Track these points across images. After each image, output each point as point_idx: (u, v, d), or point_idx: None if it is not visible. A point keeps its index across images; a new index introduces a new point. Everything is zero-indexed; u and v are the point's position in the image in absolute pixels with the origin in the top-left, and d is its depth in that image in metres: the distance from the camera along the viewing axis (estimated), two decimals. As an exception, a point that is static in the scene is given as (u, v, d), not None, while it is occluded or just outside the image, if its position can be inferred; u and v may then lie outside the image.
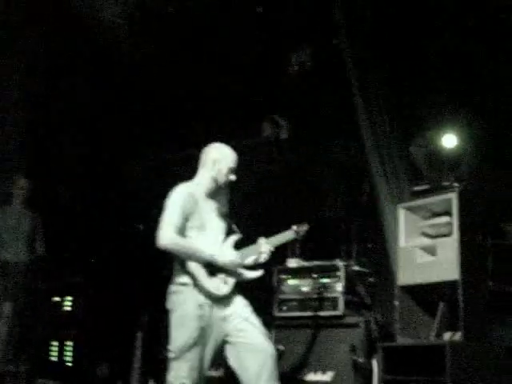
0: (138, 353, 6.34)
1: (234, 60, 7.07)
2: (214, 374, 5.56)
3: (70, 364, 7.45)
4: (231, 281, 4.37)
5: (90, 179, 8.47)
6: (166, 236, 4.23)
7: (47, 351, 7.57)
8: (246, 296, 4.51)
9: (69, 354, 7.48)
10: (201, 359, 4.19)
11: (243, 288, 4.52)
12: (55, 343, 7.57)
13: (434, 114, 5.74)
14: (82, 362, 7.38)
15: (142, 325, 6.45)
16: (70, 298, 7.67)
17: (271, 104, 7.13)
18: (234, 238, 4.50)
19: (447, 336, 4.90)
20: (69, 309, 7.65)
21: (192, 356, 4.15)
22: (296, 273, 5.77)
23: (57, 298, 7.70)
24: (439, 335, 4.96)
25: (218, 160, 4.50)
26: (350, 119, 6.10)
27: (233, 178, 4.52)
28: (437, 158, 5.57)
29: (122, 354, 6.72)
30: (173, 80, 7.30)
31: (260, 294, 5.78)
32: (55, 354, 7.55)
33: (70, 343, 7.50)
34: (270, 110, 7.14)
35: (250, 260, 4.47)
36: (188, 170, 4.58)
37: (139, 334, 6.42)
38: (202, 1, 6.89)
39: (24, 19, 7.46)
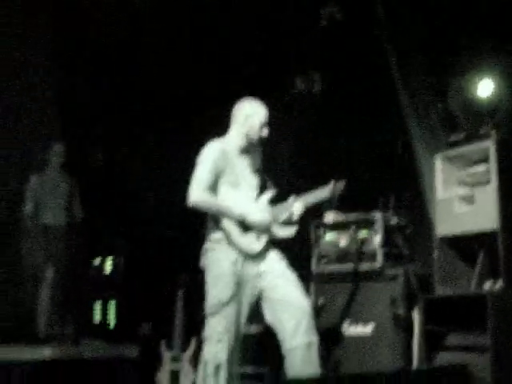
0: (180, 311, 6.39)
1: (263, 15, 6.99)
2: (251, 329, 5.61)
3: (113, 324, 7.57)
4: (264, 237, 4.36)
5: (127, 141, 8.51)
6: (196, 194, 4.22)
7: (91, 313, 7.68)
8: (284, 251, 4.51)
9: (112, 314, 7.59)
10: (237, 315, 4.21)
11: (281, 243, 4.52)
12: (98, 304, 7.68)
13: (469, 60, 5.61)
14: (124, 322, 7.48)
15: (182, 283, 6.49)
16: (110, 260, 7.75)
17: (303, 58, 7.04)
18: (269, 194, 4.47)
19: (488, 285, 4.85)
20: (110, 270, 7.74)
21: (228, 312, 4.17)
22: (333, 227, 5.74)
23: (97, 260, 7.80)
24: (480, 285, 4.91)
25: (250, 115, 4.46)
26: (383, 69, 6.01)
27: (265, 133, 4.48)
28: (473, 106, 5.46)
29: (163, 313, 6.78)
30: (205, 33, 7.28)
31: (298, 248, 5.79)
32: (98, 315, 7.67)
33: (112, 304, 7.60)
34: (302, 64, 7.06)
35: (283, 217, 4.45)
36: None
37: (180, 293, 6.46)
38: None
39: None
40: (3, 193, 7.44)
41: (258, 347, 5.74)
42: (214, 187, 4.30)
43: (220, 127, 4.61)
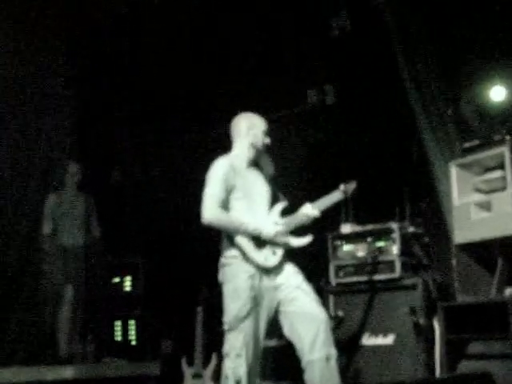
0: (200, 328, 6.39)
1: (272, 29, 7.03)
2: (271, 343, 5.60)
3: (134, 342, 7.58)
4: (280, 251, 4.36)
5: (142, 160, 8.54)
6: (209, 212, 4.23)
7: (111, 331, 7.70)
8: (301, 264, 4.51)
9: (132, 332, 7.61)
10: (255, 329, 4.20)
11: (298, 256, 4.52)
12: (118, 323, 7.70)
13: (480, 66, 5.60)
14: (145, 339, 7.50)
15: (201, 300, 6.49)
16: (129, 278, 7.77)
17: (315, 71, 7.05)
18: (281, 205, 4.48)
19: (508, 292, 4.82)
20: (129, 289, 7.77)
21: (246, 326, 4.16)
22: (350, 238, 5.74)
23: (117, 279, 7.82)
24: (500, 292, 4.88)
25: (252, 126, 4.54)
26: (396, 79, 6.00)
27: (267, 140, 4.54)
28: (486, 112, 5.44)
29: (184, 330, 6.79)
30: (216, 46, 7.33)
31: (315, 261, 5.78)
32: (119, 333, 7.69)
33: (132, 322, 7.63)
34: (314, 76, 7.06)
35: (296, 225, 4.46)
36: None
37: (199, 309, 6.47)
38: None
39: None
40: (22, 214, 7.49)
41: (280, 361, 5.73)
42: (225, 203, 4.32)
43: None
